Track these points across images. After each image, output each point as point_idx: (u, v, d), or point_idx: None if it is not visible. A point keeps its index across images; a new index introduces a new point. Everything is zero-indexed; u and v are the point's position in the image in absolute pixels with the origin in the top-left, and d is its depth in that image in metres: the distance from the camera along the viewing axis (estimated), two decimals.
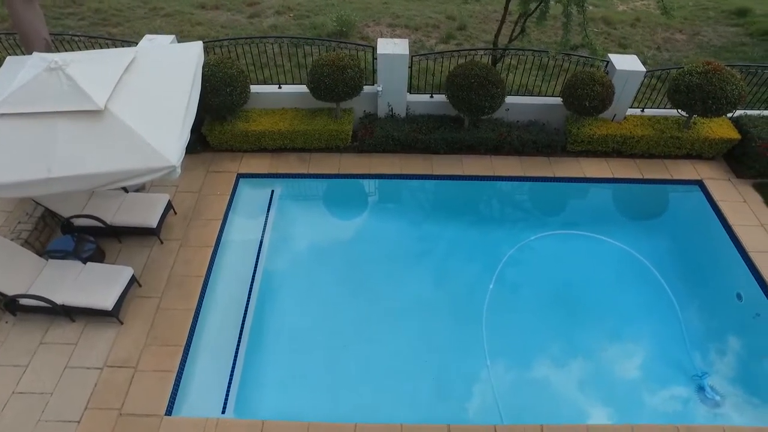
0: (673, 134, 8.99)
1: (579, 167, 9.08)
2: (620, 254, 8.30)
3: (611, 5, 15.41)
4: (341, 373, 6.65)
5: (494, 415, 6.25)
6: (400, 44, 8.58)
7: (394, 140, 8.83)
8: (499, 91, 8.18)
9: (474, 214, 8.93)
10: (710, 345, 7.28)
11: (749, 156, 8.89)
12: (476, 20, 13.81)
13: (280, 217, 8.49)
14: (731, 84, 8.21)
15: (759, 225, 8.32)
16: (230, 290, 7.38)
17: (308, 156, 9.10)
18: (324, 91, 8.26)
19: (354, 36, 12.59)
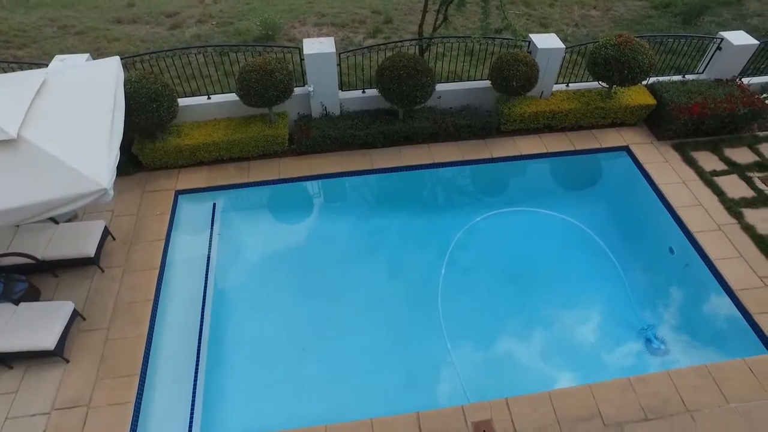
0: (597, 105, 9.45)
1: (514, 146, 9.39)
2: (562, 225, 8.68)
3: None
4: (307, 376, 6.63)
5: (461, 396, 6.41)
6: (326, 43, 8.56)
7: (331, 139, 8.82)
8: (428, 80, 8.32)
9: (419, 203, 9.08)
10: (651, 299, 7.76)
11: (666, 119, 9.49)
12: (402, 12, 13.95)
13: (225, 230, 8.30)
14: (642, 54, 8.71)
15: (681, 182, 8.90)
16: (182, 310, 7.16)
17: (247, 164, 8.93)
18: (254, 97, 8.12)
19: (280, 38, 12.43)
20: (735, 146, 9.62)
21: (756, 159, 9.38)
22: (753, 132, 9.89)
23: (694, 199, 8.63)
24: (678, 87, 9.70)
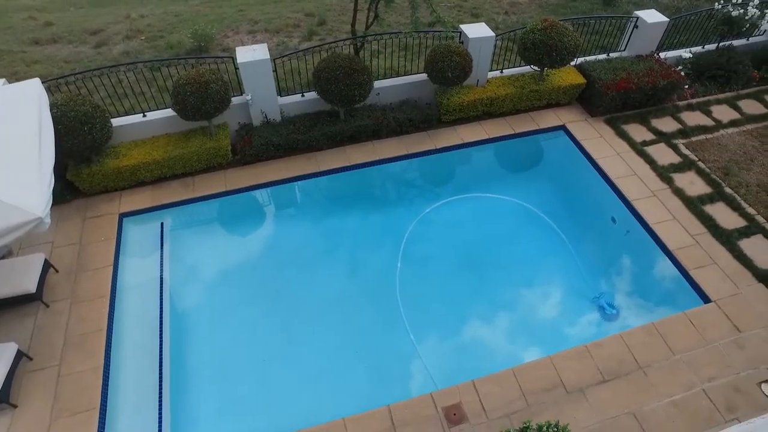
0: (532, 88, 9.80)
1: (457, 135, 9.61)
2: (510, 207, 8.97)
3: None
4: (276, 385, 6.58)
5: (429, 383, 6.53)
6: (259, 50, 8.48)
7: (275, 146, 8.75)
8: (365, 77, 8.39)
9: (370, 201, 9.15)
10: (600, 268, 8.15)
11: (596, 96, 9.96)
12: (335, 13, 13.98)
13: (176, 249, 8.10)
14: (567, 36, 9.11)
15: (616, 155, 9.37)
16: (139, 336, 6.95)
17: (191, 180, 8.74)
18: (191, 110, 7.96)
19: (214, 49, 12.20)
20: (660, 117, 10.21)
21: (679, 127, 10.00)
22: (674, 102, 10.53)
23: (628, 169, 9.10)
24: (604, 65, 10.20)
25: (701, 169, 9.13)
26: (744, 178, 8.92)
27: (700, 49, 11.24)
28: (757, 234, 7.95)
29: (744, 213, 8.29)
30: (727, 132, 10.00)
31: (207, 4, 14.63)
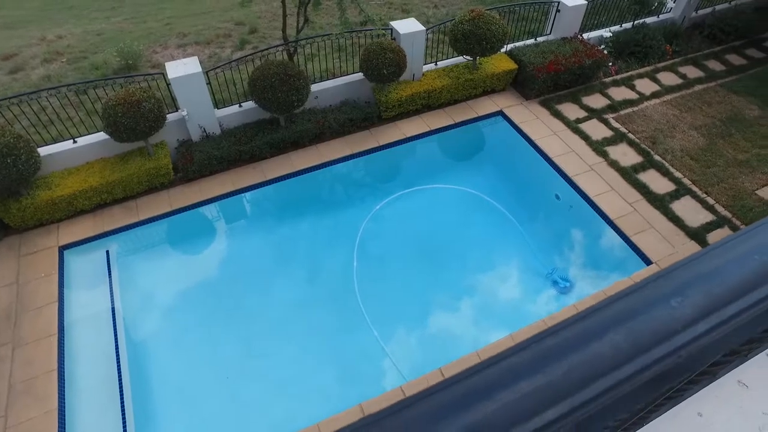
0: (466, 78, 10.03)
1: (399, 130, 9.73)
2: (458, 195, 9.16)
3: None
4: (244, 400, 6.49)
5: (397, 377, 6.61)
6: (190, 63, 8.27)
7: (217, 159, 8.57)
8: (301, 82, 8.35)
9: (320, 204, 9.12)
10: (550, 244, 8.47)
11: (529, 80, 10.32)
12: (265, 20, 13.78)
13: (126, 276, 7.80)
14: (494, 24, 9.38)
15: (553, 134, 9.75)
16: (96, 370, 6.67)
17: (134, 203, 8.44)
18: (125, 132, 7.67)
19: (143, 66, 11.79)
20: (589, 94, 10.69)
21: (607, 102, 10.51)
22: (600, 80, 11.05)
23: (566, 147, 9.49)
24: (533, 49, 10.57)
25: (631, 140, 9.64)
26: (669, 145, 9.49)
27: (618, 28, 11.84)
28: (686, 195, 8.49)
29: (672, 177, 8.83)
30: (651, 103, 10.59)
31: (131, 20, 14.08)
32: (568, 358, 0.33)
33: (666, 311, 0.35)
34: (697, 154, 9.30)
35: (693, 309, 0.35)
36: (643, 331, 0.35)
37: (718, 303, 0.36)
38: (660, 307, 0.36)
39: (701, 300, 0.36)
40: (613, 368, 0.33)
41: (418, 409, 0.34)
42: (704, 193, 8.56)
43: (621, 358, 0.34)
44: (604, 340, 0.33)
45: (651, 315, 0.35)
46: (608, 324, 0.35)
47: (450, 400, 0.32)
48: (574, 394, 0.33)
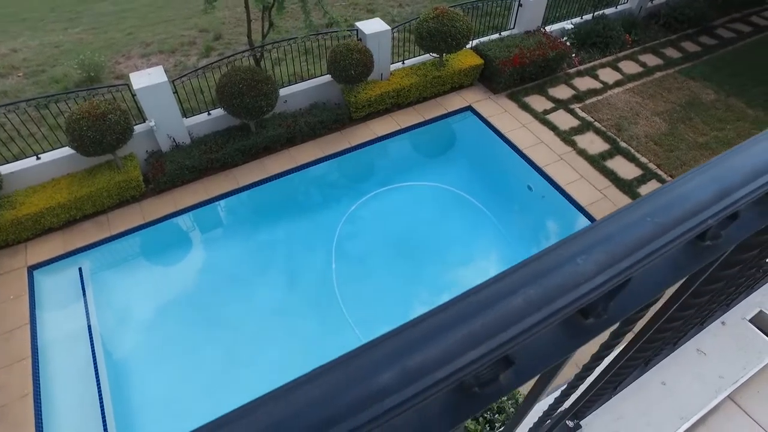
0: (434, 75, 10.13)
1: (370, 130, 9.77)
2: (432, 192, 9.24)
3: None
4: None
5: None
6: (154, 73, 8.15)
7: (189, 169, 8.47)
8: (270, 87, 8.31)
9: (295, 208, 9.09)
10: (524, 234, 8.63)
11: (495, 74, 10.48)
12: (230, 26, 13.66)
13: (101, 293, 7.64)
14: (459, 21, 9.50)
15: (522, 126, 9.93)
16: (74, 391, 6.51)
17: (105, 218, 8.27)
18: (91, 145, 7.51)
19: (107, 78, 11.55)
20: (555, 85, 10.92)
21: (573, 93, 10.76)
22: (565, 71, 11.30)
23: (535, 138, 9.68)
24: (497, 44, 10.74)
25: (598, 129, 9.89)
26: (634, 131, 9.77)
27: (579, 20, 12.13)
28: (652, 179, 8.76)
29: (639, 163, 9.10)
30: (614, 92, 10.89)
31: (90, 30, 13.77)
32: (488, 311, 0.38)
33: (572, 268, 0.40)
34: (660, 139, 9.60)
35: (595, 264, 0.40)
36: (552, 285, 0.39)
37: (615, 258, 0.41)
38: (567, 265, 0.40)
39: (602, 257, 0.41)
40: (526, 315, 0.38)
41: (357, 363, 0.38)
42: (669, 176, 8.84)
43: (532, 307, 0.38)
44: (518, 294, 0.38)
45: (560, 271, 0.40)
46: (523, 281, 0.39)
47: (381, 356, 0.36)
48: (491, 337, 0.37)
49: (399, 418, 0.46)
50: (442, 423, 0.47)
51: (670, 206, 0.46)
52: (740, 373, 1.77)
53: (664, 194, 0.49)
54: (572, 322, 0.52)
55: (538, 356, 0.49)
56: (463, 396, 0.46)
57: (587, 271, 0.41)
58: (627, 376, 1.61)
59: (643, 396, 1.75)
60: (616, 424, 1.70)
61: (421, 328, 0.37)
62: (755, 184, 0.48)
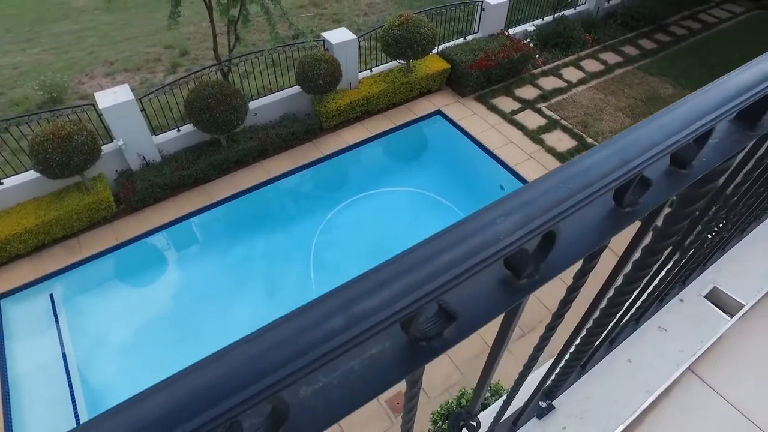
0: (402, 81, 10.27)
1: (341, 138, 9.83)
2: (407, 197, 9.34)
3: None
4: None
5: None
6: (121, 91, 8.06)
7: (160, 187, 8.37)
8: (239, 100, 8.30)
9: (271, 220, 9.06)
10: None
11: (462, 78, 10.69)
12: (195, 41, 13.58)
13: (75, 319, 7.46)
14: (423, 27, 9.68)
15: (491, 127, 10.13)
16: (51, 422, 6.33)
17: (76, 241, 8.10)
18: (57, 168, 7.36)
19: (70, 98, 11.33)
20: (521, 86, 11.19)
21: (539, 92, 11.04)
22: (530, 71, 11.59)
23: (504, 138, 9.89)
24: (463, 48, 10.96)
25: (565, 126, 10.16)
26: (599, 127, 10.07)
27: (541, 22, 12.46)
28: None
29: None
30: (578, 90, 11.21)
31: (50, 51, 13.49)
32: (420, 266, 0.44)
33: (492, 227, 0.46)
34: None
35: (512, 224, 0.46)
36: (475, 243, 0.45)
37: (530, 218, 0.47)
38: (488, 226, 0.46)
39: (518, 218, 0.47)
40: (450, 267, 0.44)
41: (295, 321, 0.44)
42: None
43: (457, 261, 0.44)
44: (446, 251, 0.44)
45: (482, 231, 0.46)
46: (450, 240, 0.45)
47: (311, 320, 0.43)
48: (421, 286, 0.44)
49: (357, 372, 0.53)
50: (395, 373, 0.55)
51: (580, 174, 0.54)
52: (698, 346, 1.87)
53: (575, 164, 0.56)
54: (508, 282, 0.59)
55: (477, 313, 0.56)
56: (412, 350, 0.54)
57: (506, 229, 0.47)
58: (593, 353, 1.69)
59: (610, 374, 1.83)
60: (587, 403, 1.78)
61: (363, 282, 0.44)
62: (650, 153, 0.56)
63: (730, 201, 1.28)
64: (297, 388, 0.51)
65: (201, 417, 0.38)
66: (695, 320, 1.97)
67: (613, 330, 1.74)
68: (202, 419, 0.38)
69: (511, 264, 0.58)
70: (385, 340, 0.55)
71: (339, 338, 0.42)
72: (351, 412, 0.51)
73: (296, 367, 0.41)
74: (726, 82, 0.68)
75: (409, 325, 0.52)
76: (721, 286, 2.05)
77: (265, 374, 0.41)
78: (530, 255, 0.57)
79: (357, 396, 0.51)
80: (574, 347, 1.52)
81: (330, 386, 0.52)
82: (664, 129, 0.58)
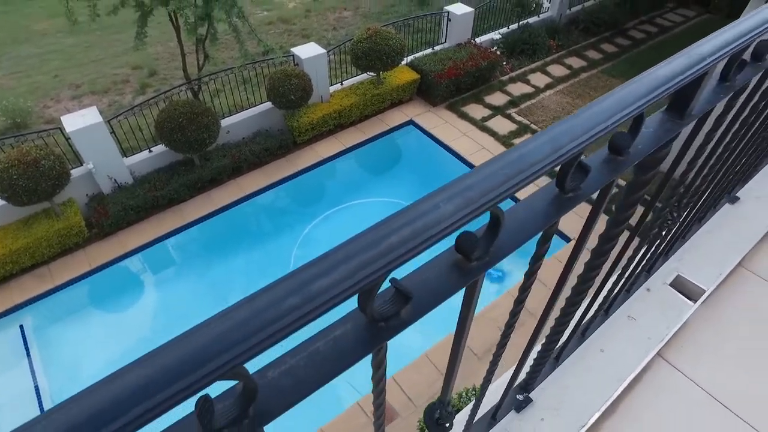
0: (373, 93, 10.38)
1: (315, 152, 9.86)
2: (382, 207, 9.38)
3: (282, 5, 16.57)
4: None
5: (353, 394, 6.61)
6: (88, 114, 7.94)
7: (134, 209, 8.24)
8: (210, 119, 8.27)
9: (248, 238, 8.98)
10: None
11: (432, 87, 10.86)
12: (164, 61, 13.49)
13: (47, 350, 7.24)
14: (391, 39, 9.83)
15: (463, 135, 10.30)
16: None
17: (46, 269, 7.89)
18: (24, 194, 7.19)
19: (35, 123, 11.11)
20: (490, 93, 11.42)
21: (508, 98, 11.28)
22: (498, 78, 11.85)
23: (477, 145, 10.05)
24: (431, 58, 11.14)
25: (535, 130, 10.40)
26: None
27: (507, 30, 12.77)
28: None
29: None
30: (546, 95, 11.50)
31: (11, 75, 13.20)
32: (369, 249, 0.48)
33: (435, 210, 0.50)
34: None
35: (454, 206, 0.51)
36: (420, 225, 0.50)
37: (470, 202, 0.52)
38: (432, 209, 0.51)
39: (459, 201, 0.52)
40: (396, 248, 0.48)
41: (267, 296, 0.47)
42: None
43: (403, 242, 0.48)
44: (392, 234, 0.48)
45: (426, 214, 0.50)
46: (398, 224, 0.49)
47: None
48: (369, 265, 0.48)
49: (321, 353, 0.57)
50: (358, 352, 0.60)
51: (516, 160, 0.59)
52: (665, 333, 1.95)
53: (513, 152, 0.61)
54: (459, 265, 0.64)
55: (431, 294, 0.61)
56: (373, 330, 0.58)
57: (447, 212, 0.52)
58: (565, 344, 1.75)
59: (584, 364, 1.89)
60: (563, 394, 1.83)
61: (319, 265, 0.47)
62: (580, 140, 0.61)
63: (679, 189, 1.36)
64: (265, 371, 0.55)
65: (183, 381, 0.42)
66: (662, 308, 2.05)
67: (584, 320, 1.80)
68: (184, 383, 0.42)
69: (462, 248, 0.63)
70: (346, 322, 0.60)
71: (295, 313, 0.45)
72: (317, 389, 0.55)
73: (258, 340, 0.45)
74: (648, 76, 0.74)
75: (366, 306, 0.56)
76: (684, 274, 2.15)
77: (232, 346, 0.45)
78: (479, 239, 0.62)
79: (322, 374, 0.56)
80: (545, 338, 1.58)
81: (297, 367, 0.56)
82: (593, 118, 0.63)
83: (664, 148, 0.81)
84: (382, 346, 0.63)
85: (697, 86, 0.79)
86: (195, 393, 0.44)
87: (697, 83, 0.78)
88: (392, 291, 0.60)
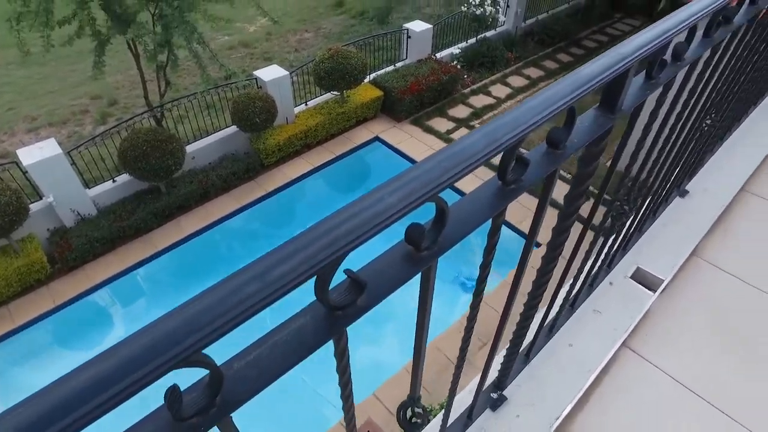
0: (338, 112, 10.47)
1: (283, 174, 9.84)
2: None
3: (243, 30, 16.61)
4: None
5: (335, 414, 6.55)
6: (47, 146, 7.75)
7: (99, 241, 8.03)
8: (175, 145, 8.18)
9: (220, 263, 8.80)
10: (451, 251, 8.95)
11: (396, 103, 11.04)
12: (125, 90, 13.30)
13: (8, 397, 6.88)
14: (353, 58, 9.98)
15: (429, 148, 10.46)
16: None
17: (6, 310, 7.57)
18: None
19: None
20: (453, 106, 11.68)
21: (471, 110, 11.56)
22: (460, 92, 12.14)
23: None
24: (393, 75, 11.34)
25: None
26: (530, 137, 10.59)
27: (465, 44, 13.14)
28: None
29: None
30: (507, 105, 11.83)
31: None
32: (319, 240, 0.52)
33: (381, 202, 0.55)
34: None
35: (397, 198, 0.55)
36: (367, 215, 0.54)
37: (413, 193, 0.57)
38: (378, 201, 0.55)
39: (402, 192, 0.56)
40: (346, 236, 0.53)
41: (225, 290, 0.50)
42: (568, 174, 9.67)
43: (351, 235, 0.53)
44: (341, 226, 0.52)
45: (373, 206, 0.55)
46: (346, 216, 0.54)
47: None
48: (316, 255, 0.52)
49: (284, 343, 0.60)
50: (318, 339, 0.65)
51: (455, 154, 0.64)
52: (629, 323, 2.04)
53: (453, 147, 0.67)
54: (410, 255, 0.69)
55: (385, 282, 0.66)
56: (331, 319, 0.62)
57: (392, 203, 0.57)
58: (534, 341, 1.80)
59: (554, 360, 1.95)
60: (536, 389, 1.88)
61: (276, 254, 0.51)
62: (510, 134, 0.67)
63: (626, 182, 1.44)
64: (231, 362, 0.59)
65: (147, 366, 0.44)
66: (624, 300, 2.14)
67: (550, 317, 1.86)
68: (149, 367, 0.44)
69: (411, 239, 0.68)
70: (306, 313, 0.64)
71: (254, 297, 0.49)
72: (281, 375, 0.59)
73: (223, 322, 0.50)
74: (575, 75, 0.81)
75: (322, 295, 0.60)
76: (643, 266, 2.25)
77: (195, 331, 0.50)
78: (426, 231, 0.67)
79: (285, 362, 0.61)
80: (512, 334, 1.63)
81: (260, 357, 0.61)
82: (526, 114, 0.70)
83: (600, 141, 0.88)
84: (342, 334, 0.67)
85: (622, 83, 0.86)
86: (166, 373, 0.48)
87: (621, 80, 0.85)
88: (348, 282, 0.64)
